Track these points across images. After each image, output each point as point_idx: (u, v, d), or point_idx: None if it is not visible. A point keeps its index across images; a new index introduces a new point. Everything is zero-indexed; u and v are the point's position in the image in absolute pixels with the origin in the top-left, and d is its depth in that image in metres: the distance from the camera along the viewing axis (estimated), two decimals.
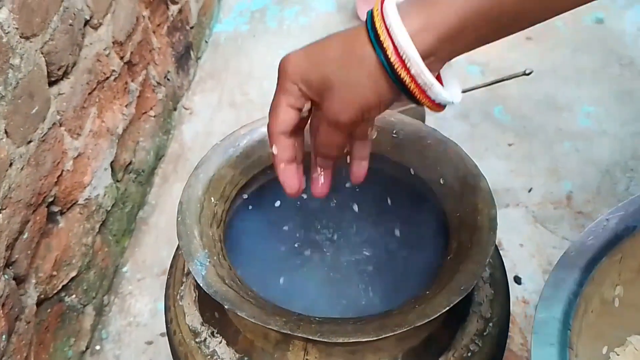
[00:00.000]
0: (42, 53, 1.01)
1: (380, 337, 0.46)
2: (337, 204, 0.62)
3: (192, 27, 1.77)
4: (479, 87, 1.44)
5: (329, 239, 0.63)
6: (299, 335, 0.47)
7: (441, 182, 0.60)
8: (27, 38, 0.96)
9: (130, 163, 1.40)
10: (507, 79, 1.42)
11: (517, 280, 1.31)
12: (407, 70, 0.43)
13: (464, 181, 0.58)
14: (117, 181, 1.34)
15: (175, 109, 1.66)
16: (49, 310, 1.11)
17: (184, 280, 0.61)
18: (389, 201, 0.60)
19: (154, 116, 1.53)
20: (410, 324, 0.47)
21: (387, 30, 0.43)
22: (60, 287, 1.13)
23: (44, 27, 1.01)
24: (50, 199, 1.08)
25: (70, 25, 1.09)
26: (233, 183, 0.61)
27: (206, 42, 1.92)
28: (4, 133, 0.91)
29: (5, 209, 0.92)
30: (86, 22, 1.15)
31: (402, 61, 0.43)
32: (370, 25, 0.44)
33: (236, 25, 2.03)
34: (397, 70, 0.43)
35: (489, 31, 0.45)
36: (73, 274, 1.17)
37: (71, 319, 1.19)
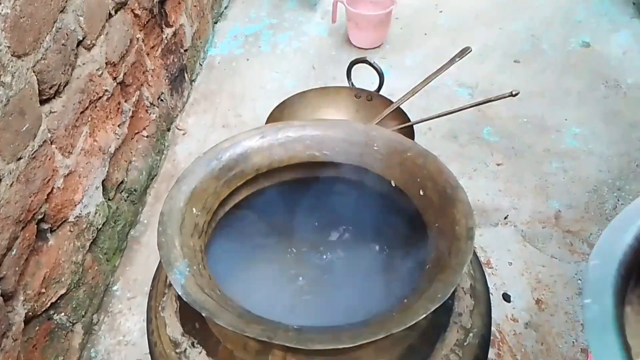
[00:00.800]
0: (34, 72, 1.02)
1: (356, 344, 0.47)
2: (318, 217, 0.63)
3: (186, 50, 1.80)
4: (467, 107, 1.46)
5: (310, 250, 0.63)
6: (276, 342, 0.47)
7: (421, 193, 0.61)
8: (18, 57, 0.97)
9: (122, 182, 1.41)
10: (494, 100, 1.44)
11: (506, 297, 1.31)
12: None
13: (443, 193, 0.59)
14: (109, 199, 1.35)
15: (168, 130, 1.67)
16: (37, 327, 1.11)
17: (166, 291, 0.62)
18: (370, 213, 0.61)
19: (147, 136, 1.54)
20: (387, 331, 0.47)
21: None
22: (48, 304, 1.13)
23: (36, 46, 1.02)
24: (40, 216, 1.08)
25: (63, 45, 1.11)
26: (215, 195, 0.62)
27: (200, 64, 1.95)
28: None
29: None
30: (79, 43, 1.17)
31: None
32: None
33: (230, 48, 2.06)
34: None
35: None
36: (62, 291, 1.17)
37: (60, 337, 1.18)
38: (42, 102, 1.07)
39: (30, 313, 1.08)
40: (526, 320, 1.27)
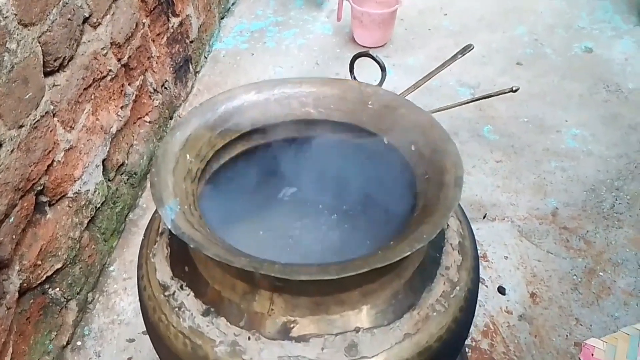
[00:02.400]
0: (39, 42, 1.04)
1: (342, 275, 0.47)
2: (313, 170, 0.63)
3: (192, 42, 1.81)
4: (467, 102, 1.47)
5: (302, 203, 0.64)
6: (263, 272, 0.48)
7: (412, 148, 0.61)
8: (25, 25, 0.99)
9: (123, 164, 1.42)
10: (494, 95, 1.45)
11: (501, 290, 1.31)
12: None
13: (433, 146, 0.60)
14: (109, 180, 1.36)
15: (171, 118, 1.69)
16: (31, 301, 1.12)
17: (157, 239, 0.62)
18: (362, 168, 0.61)
19: (150, 122, 1.55)
20: (371, 265, 0.48)
21: None
22: (44, 277, 1.14)
23: (43, 17, 1.04)
24: (39, 188, 1.09)
25: (69, 19, 1.12)
26: (210, 145, 0.63)
27: (205, 57, 1.97)
28: None
29: None
30: (85, 20, 1.19)
31: None
32: None
33: (236, 43, 2.08)
34: None
35: None
36: (58, 265, 1.17)
37: (54, 312, 1.19)
38: (46, 74, 1.08)
39: (25, 284, 1.08)
40: (520, 312, 1.27)
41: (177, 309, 0.56)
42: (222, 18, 2.11)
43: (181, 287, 0.57)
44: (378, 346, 0.53)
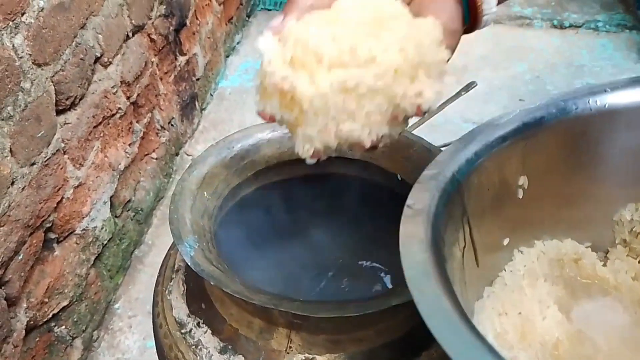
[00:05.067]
0: (52, 81, 1.06)
1: (361, 313, 0.47)
2: (326, 208, 0.64)
3: (198, 79, 1.84)
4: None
5: (318, 243, 0.64)
6: (282, 309, 0.48)
7: None
8: (39, 65, 1.01)
9: (129, 201, 1.42)
10: None
11: None
12: None
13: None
14: (116, 216, 1.36)
15: (177, 154, 1.70)
16: (37, 339, 1.11)
17: (173, 276, 0.62)
18: (377, 205, 0.62)
19: (156, 159, 1.57)
20: (389, 303, 0.48)
21: None
22: (50, 315, 1.13)
23: (56, 57, 1.06)
24: (48, 224, 1.09)
25: (82, 59, 1.14)
26: (226, 182, 0.63)
27: (211, 95, 1.99)
28: (9, 151, 0.94)
29: (3, 226, 0.94)
30: (97, 59, 1.21)
31: None
32: None
33: (241, 81, 2.10)
34: None
35: None
36: (64, 303, 1.17)
37: (59, 350, 1.18)
38: (58, 112, 1.10)
39: (32, 322, 1.08)
40: None
41: (194, 347, 0.56)
42: (228, 56, 2.15)
43: (198, 324, 0.57)
44: None
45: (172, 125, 1.66)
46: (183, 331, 0.57)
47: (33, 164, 1.01)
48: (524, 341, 0.48)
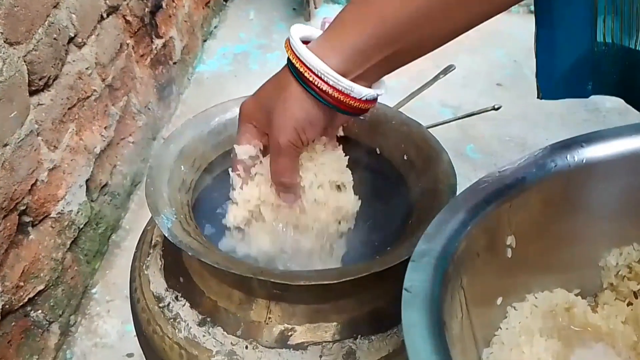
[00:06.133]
0: (24, 61, 1.03)
1: (341, 280, 0.47)
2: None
3: (175, 63, 1.82)
4: (450, 121, 1.49)
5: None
6: (262, 278, 0.47)
7: (404, 158, 0.62)
8: (11, 44, 0.99)
9: (106, 185, 1.41)
10: (477, 113, 1.47)
11: None
12: (326, 82, 0.48)
13: (426, 157, 0.61)
14: (92, 201, 1.34)
15: (154, 139, 1.68)
16: (13, 323, 1.09)
17: (151, 252, 0.62)
18: (355, 179, 0.62)
19: (133, 143, 1.55)
20: (369, 270, 0.48)
21: (297, 56, 0.49)
22: (26, 299, 1.11)
23: (29, 36, 1.04)
24: (23, 207, 1.07)
25: (55, 39, 1.12)
26: (203, 157, 0.63)
27: (189, 79, 1.97)
28: None
29: None
30: (70, 40, 1.19)
31: (319, 77, 0.48)
32: (288, 59, 0.51)
33: (219, 65, 2.09)
34: (315, 84, 0.48)
35: (393, 54, 0.49)
36: (40, 287, 1.15)
37: (36, 335, 1.16)
38: (31, 93, 1.08)
39: (8, 306, 1.06)
40: None
41: (172, 320, 0.55)
42: (205, 41, 2.13)
43: (176, 298, 0.57)
44: (376, 353, 0.53)
45: (149, 109, 1.64)
46: (161, 305, 0.57)
47: (6, 145, 0.99)
48: None
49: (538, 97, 0.68)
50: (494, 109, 1.46)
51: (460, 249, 0.44)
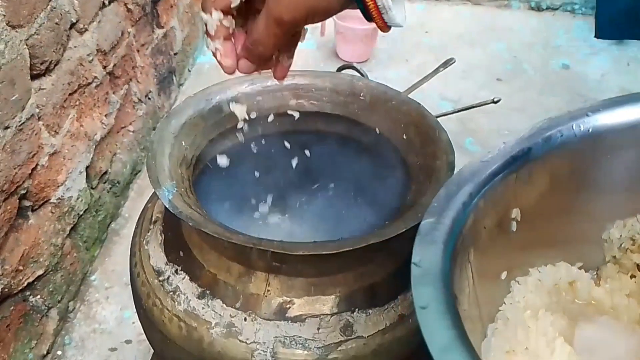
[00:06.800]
0: (26, 45, 1.04)
1: (340, 250, 0.48)
2: (307, 161, 0.64)
3: (176, 54, 1.82)
4: (450, 113, 1.50)
5: (295, 193, 0.65)
6: (261, 248, 0.48)
7: (404, 137, 0.63)
8: (13, 27, 0.99)
9: (106, 172, 1.41)
10: (476, 106, 1.47)
11: None
12: None
13: (425, 135, 0.61)
14: (92, 188, 1.35)
15: (154, 129, 1.68)
16: (12, 307, 1.09)
17: (151, 227, 0.62)
18: (355, 159, 0.63)
19: (133, 131, 1.55)
20: (368, 241, 0.49)
21: None
22: (25, 283, 1.12)
23: (31, 20, 1.04)
24: (23, 191, 1.08)
25: (57, 24, 1.12)
26: (204, 133, 0.63)
27: (189, 70, 1.97)
28: None
29: None
30: (72, 25, 1.19)
31: None
32: None
33: None
34: None
35: None
36: (40, 272, 1.15)
37: (34, 320, 1.16)
38: (33, 77, 1.08)
39: (7, 290, 1.06)
40: None
41: (171, 293, 0.56)
42: None
43: (176, 271, 0.57)
44: (373, 326, 0.53)
45: (149, 98, 1.64)
46: (161, 279, 0.57)
47: (7, 127, 1.00)
48: None
49: (595, 37, 0.67)
50: (493, 101, 1.47)
51: (468, 223, 0.44)
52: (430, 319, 0.37)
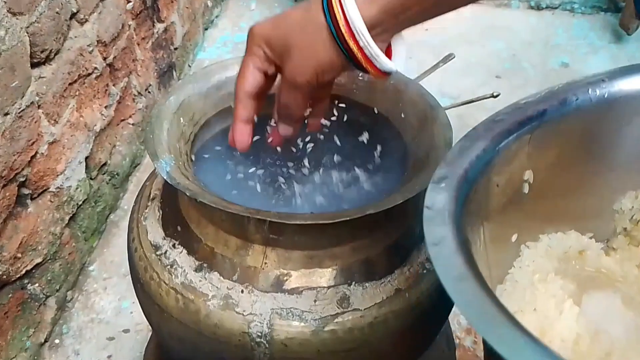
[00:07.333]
0: (27, 32, 1.04)
1: (336, 220, 0.48)
2: (305, 139, 0.64)
3: (176, 49, 1.83)
4: (449, 108, 1.50)
5: (294, 172, 0.65)
6: (258, 217, 0.48)
7: (402, 116, 0.63)
8: (14, 14, 1.00)
9: (105, 164, 1.41)
10: (476, 101, 1.48)
11: None
12: (356, 42, 0.47)
13: (423, 113, 0.62)
14: (91, 179, 1.35)
15: None
16: (10, 295, 1.10)
17: (149, 204, 0.62)
18: (353, 138, 0.63)
19: (133, 124, 1.56)
20: (364, 212, 0.49)
21: (340, 3, 0.46)
22: (24, 271, 1.12)
23: (31, 8, 1.04)
24: (22, 179, 1.08)
25: (57, 13, 1.13)
26: (202, 111, 0.63)
27: (189, 66, 1.98)
28: None
29: None
30: (72, 15, 1.20)
31: (352, 34, 0.47)
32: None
33: (219, 54, 2.09)
34: (347, 41, 0.47)
35: (431, 5, 0.48)
36: (38, 260, 1.15)
37: (32, 308, 1.16)
38: (33, 65, 1.08)
39: (5, 277, 1.06)
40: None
41: (169, 267, 0.56)
42: (206, 29, 2.14)
43: (173, 245, 0.57)
44: (370, 299, 0.53)
45: (149, 92, 1.64)
46: (158, 253, 0.58)
47: (7, 114, 1.00)
48: (544, 338, 0.47)
49: (637, 18, 0.66)
50: (492, 96, 1.47)
51: (481, 177, 0.43)
52: (443, 254, 0.37)
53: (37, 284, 1.17)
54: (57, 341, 1.22)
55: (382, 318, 0.53)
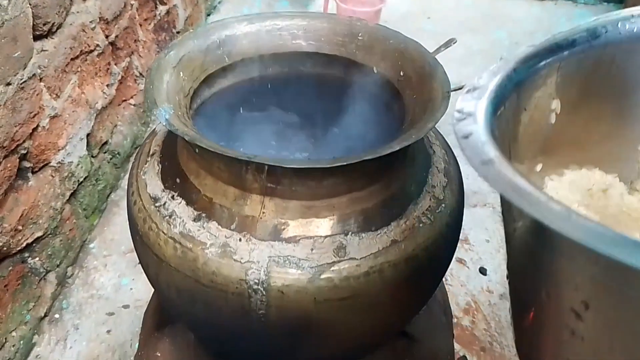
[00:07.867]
0: (29, 3, 1.04)
1: (334, 165, 0.48)
2: (305, 99, 0.65)
3: (178, 32, 1.83)
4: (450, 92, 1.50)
5: (295, 127, 0.65)
6: (256, 161, 0.48)
7: (401, 74, 0.63)
8: None
9: (106, 142, 1.42)
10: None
11: (483, 271, 1.32)
12: None
13: (421, 71, 0.62)
14: (92, 156, 1.35)
15: None
16: (10, 268, 1.10)
17: (148, 159, 0.63)
18: (353, 97, 0.63)
19: (134, 105, 1.56)
20: (360, 158, 0.49)
21: None
22: (24, 244, 1.12)
23: None
24: (23, 151, 1.08)
25: None
26: (202, 68, 0.64)
27: None
28: None
29: None
30: None
31: None
32: None
33: None
34: None
35: None
36: (39, 234, 1.16)
37: (32, 283, 1.17)
38: (35, 37, 1.09)
39: (5, 249, 1.07)
40: (501, 292, 1.28)
41: (167, 217, 0.56)
42: (209, 14, 2.14)
43: (172, 197, 0.58)
44: (366, 249, 0.54)
45: None
46: (157, 204, 0.58)
47: (9, 84, 1.00)
48: None
49: None
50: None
51: (511, 95, 0.43)
52: (472, 142, 0.36)
53: (37, 258, 1.18)
54: (56, 316, 1.22)
55: (377, 268, 0.54)
